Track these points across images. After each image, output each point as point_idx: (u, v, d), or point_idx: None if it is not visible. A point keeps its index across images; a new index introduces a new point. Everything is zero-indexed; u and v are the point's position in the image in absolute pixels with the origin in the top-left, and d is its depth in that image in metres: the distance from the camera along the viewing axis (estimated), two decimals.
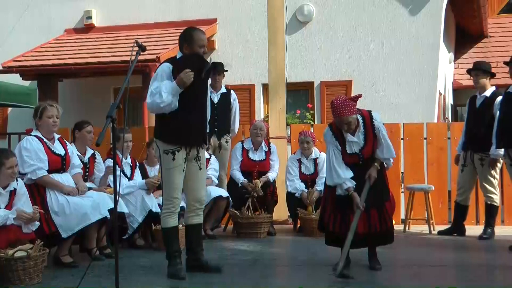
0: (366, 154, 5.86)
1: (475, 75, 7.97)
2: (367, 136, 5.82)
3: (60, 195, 6.15)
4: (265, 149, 8.53)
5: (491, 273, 6.12)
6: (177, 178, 5.71)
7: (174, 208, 5.77)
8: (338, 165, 5.82)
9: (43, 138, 6.23)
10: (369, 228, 5.82)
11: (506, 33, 17.07)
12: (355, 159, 5.86)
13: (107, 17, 14.67)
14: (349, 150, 5.84)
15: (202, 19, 13.64)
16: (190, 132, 5.70)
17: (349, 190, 5.78)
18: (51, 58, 13.14)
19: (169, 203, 5.75)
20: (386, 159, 5.95)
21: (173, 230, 5.81)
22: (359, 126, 5.81)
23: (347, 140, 5.82)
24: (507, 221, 8.94)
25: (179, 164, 5.68)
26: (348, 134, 5.81)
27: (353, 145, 5.83)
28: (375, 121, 5.84)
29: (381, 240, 6.00)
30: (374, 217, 5.84)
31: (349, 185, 5.79)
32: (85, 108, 13.69)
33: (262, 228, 8.04)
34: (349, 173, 5.82)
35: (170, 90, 5.49)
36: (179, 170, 5.70)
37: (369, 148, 5.84)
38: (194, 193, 5.90)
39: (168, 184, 5.73)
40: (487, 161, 7.74)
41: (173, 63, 5.69)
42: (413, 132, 9.23)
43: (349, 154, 5.84)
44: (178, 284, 5.48)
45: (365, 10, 13.21)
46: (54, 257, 6.21)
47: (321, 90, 13.31)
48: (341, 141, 5.85)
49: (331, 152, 5.87)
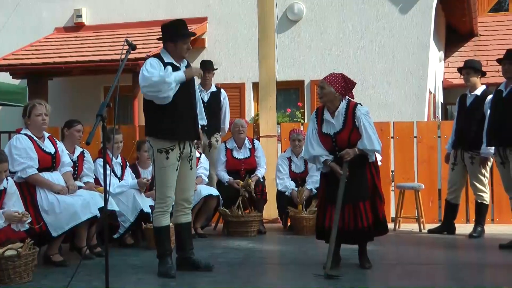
0: (340, 140, 5.82)
1: (466, 74, 7.99)
2: (346, 122, 5.81)
3: (50, 194, 6.13)
4: (249, 146, 8.53)
5: (481, 272, 6.13)
6: (170, 177, 5.70)
7: (167, 207, 5.76)
8: (315, 140, 5.91)
9: (33, 136, 6.20)
10: (355, 225, 5.78)
11: (496, 32, 17.12)
12: (328, 141, 5.86)
13: (97, 15, 14.64)
14: (324, 129, 5.88)
15: (192, 18, 13.63)
16: (183, 126, 5.68)
17: (326, 162, 5.83)
18: (41, 57, 13.10)
19: (162, 202, 5.74)
20: (369, 150, 5.84)
21: (165, 230, 5.79)
22: (339, 109, 5.83)
23: (324, 118, 5.88)
24: (497, 220, 8.97)
25: (172, 163, 5.67)
26: (327, 112, 5.86)
27: (329, 126, 5.86)
28: (358, 111, 5.82)
29: (355, 238, 5.91)
30: (349, 214, 5.80)
31: (326, 157, 5.84)
32: (75, 107, 13.67)
33: (252, 226, 8.04)
34: (324, 151, 5.88)
35: (179, 79, 5.52)
36: (173, 169, 5.69)
37: (344, 135, 5.81)
38: (184, 193, 5.89)
39: (161, 183, 5.71)
40: (477, 159, 7.77)
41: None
42: (403, 130, 9.25)
43: (323, 133, 5.88)
44: (168, 282, 5.46)
45: (355, 8, 13.23)
46: (44, 256, 6.19)
47: (311, 89, 13.32)
48: (319, 121, 5.92)
49: (309, 128, 5.98)
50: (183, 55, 5.76)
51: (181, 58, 5.76)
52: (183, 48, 5.71)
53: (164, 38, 5.78)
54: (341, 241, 5.91)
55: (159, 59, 5.66)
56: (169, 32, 5.75)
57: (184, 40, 5.71)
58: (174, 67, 5.66)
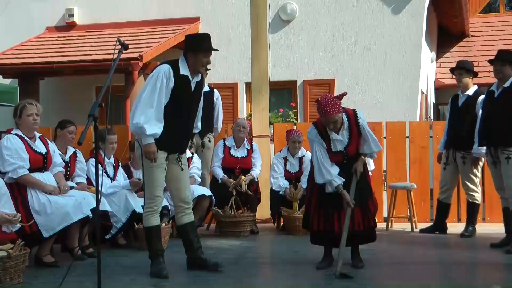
0: (351, 152, 5.87)
1: (458, 74, 8.01)
2: (352, 134, 5.83)
3: (42, 194, 6.10)
4: (247, 147, 8.57)
5: (472, 271, 6.16)
6: (159, 177, 5.70)
7: (156, 206, 5.75)
8: (327, 163, 5.83)
9: (24, 136, 6.16)
10: (352, 227, 5.83)
11: (487, 32, 17.19)
12: (339, 158, 5.87)
13: (89, 15, 14.58)
14: (334, 148, 5.85)
15: (185, 18, 13.63)
16: (172, 141, 5.71)
17: (338, 188, 5.80)
18: (33, 56, 13.02)
19: (152, 201, 5.73)
20: (373, 152, 5.97)
21: (155, 229, 5.79)
22: (344, 124, 5.81)
23: (332, 138, 5.82)
24: (488, 219, 9.00)
25: (160, 163, 5.67)
26: (332, 132, 5.81)
27: (338, 143, 5.84)
28: (360, 119, 5.85)
29: (364, 238, 6.03)
30: (357, 216, 5.85)
31: (339, 182, 5.81)
32: (67, 107, 13.61)
33: (245, 226, 8.04)
34: (336, 169, 5.83)
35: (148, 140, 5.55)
36: (161, 169, 5.69)
37: (353, 146, 5.86)
38: (179, 194, 5.91)
39: (150, 183, 5.70)
40: (469, 159, 7.79)
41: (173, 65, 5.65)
42: (395, 130, 9.26)
43: (333, 152, 5.85)
44: (161, 283, 5.46)
45: (348, 9, 13.24)
46: (36, 257, 6.17)
47: (304, 89, 13.33)
48: (326, 140, 5.86)
49: (318, 151, 5.87)
50: (199, 69, 5.73)
51: (197, 72, 5.74)
52: (202, 61, 5.69)
53: (185, 47, 5.78)
54: (351, 243, 5.96)
55: (174, 66, 5.63)
56: (192, 43, 5.77)
57: (205, 54, 5.71)
58: (186, 81, 5.64)
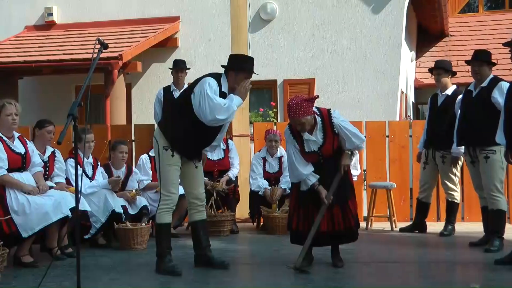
0: (326, 152, 5.87)
1: (436, 74, 8.06)
2: (326, 134, 5.82)
3: (20, 194, 6.04)
4: (223, 147, 8.51)
5: (451, 269, 6.19)
6: (175, 174, 5.80)
7: (172, 204, 5.82)
8: (298, 162, 5.86)
9: (2, 136, 6.11)
10: (332, 227, 5.85)
11: (466, 32, 17.32)
12: (314, 158, 5.88)
13: (68, 14, 14.50)
14: (307, 148, 5.85)
15: (165, 17, 13.60)
16: (191, 149, 5.86)
17: (314, 185, 5.81)
18: (11, 56, 12.92)
19: (168, 198, 5.78)
20: (357, 146, 5.95)
21: (167, 227, 5.86)
22: (317, 125, 5.81)
23: (305, 139, 5.84)
24: (467, 218, 9.07)
25: (177, 161, 5.76)
26: (305, 133, 5.83)
27: (311, 143, 5.84)
28: (334, 119, 5.84)
29: (345, 238, 6.03)
30: (338, 216, 5.86)
31: (313, 180, 5.83)
32: (46, 106, 13.53)
33: (225, 226, 8.04)
34: (310, 168, 5.85)
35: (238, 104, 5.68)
36: (176, 167, 5.79)
37: (328, 146, 5.85)
38: (193, 191, 6.03)
39: (166, 180, 5.77)
40: (448, 159, 7.84)
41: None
42: (375, 130, 9.30)
43: (307, 152, 5.86)
44: (140, 283, 5.44)
45: (328, 8, 13.27)
46: (14, 257, 6.12)
47: (284, 88, 13.34)
48: (299, 140, 5.88)
49: (291, 151, 5.93)
50: (236, 87, 5.76)
51: (233, 90, 5.78)
52: (241, 79, 5.75)
53: (228, 65, 5.86)
54: (330, 242, 6.00)
55: (218, 82, 5.72)
56: (235, 62, 5.88)
57: (246, 75, 5.79)
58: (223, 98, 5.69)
